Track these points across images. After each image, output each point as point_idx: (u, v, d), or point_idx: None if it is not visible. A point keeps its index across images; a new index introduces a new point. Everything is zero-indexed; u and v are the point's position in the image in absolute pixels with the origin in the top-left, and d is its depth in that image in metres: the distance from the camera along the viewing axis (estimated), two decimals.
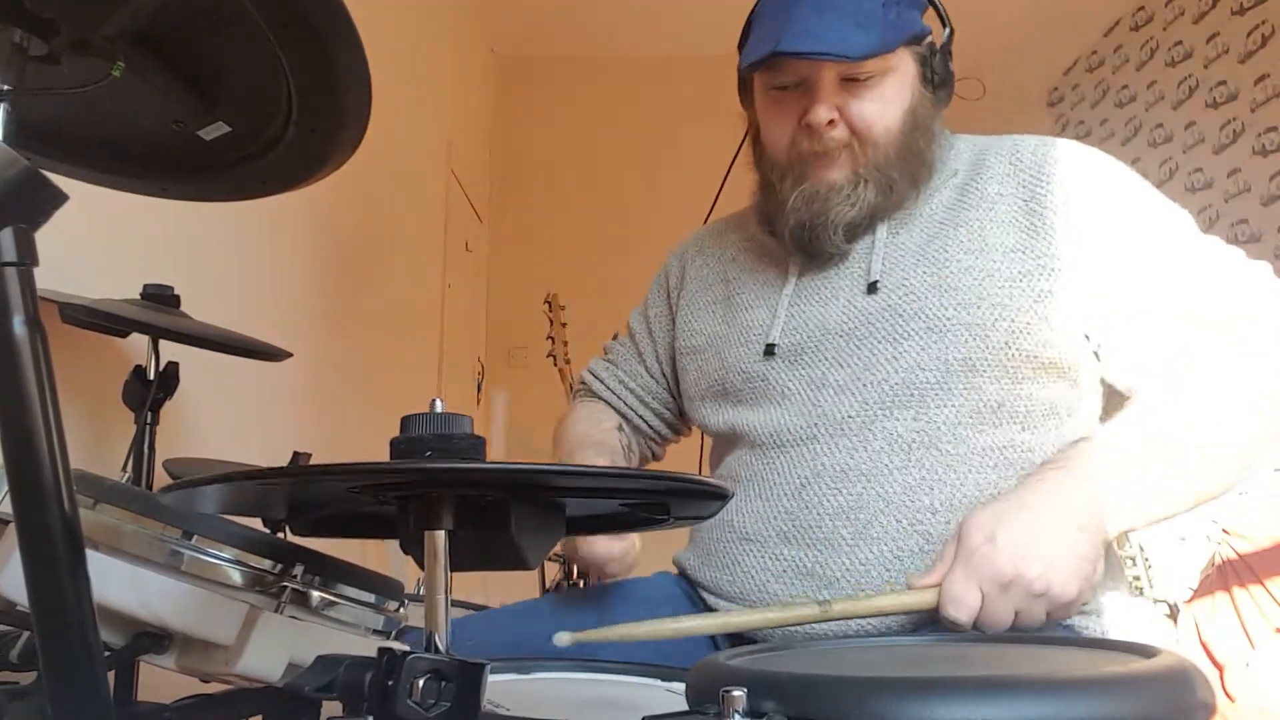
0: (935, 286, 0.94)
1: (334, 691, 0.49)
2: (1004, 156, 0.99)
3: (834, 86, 0.96)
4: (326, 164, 0.72)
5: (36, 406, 0.48)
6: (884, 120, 0.97)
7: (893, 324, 0.94)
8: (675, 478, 0.50)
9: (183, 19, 0.62)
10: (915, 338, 0.93)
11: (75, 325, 1.10)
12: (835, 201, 0.98)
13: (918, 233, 0.99)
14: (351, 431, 2.33)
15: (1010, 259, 0.93)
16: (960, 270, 0.94)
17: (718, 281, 1.14)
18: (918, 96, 0.99)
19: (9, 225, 0.49)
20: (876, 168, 0.97)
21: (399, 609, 0.78)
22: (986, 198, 0.97)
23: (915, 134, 0.98)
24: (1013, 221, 0.95)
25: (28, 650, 0.72)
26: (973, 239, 0.95)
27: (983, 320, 0.91)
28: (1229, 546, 2.59)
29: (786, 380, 0.99)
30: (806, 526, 0.92)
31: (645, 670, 0.81)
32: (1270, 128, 3.15)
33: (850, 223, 0.98)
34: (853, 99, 0.96)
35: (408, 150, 2.85)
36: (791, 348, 1.00)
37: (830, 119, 0.96)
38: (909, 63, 0.99)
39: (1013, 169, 0.98)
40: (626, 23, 3.97)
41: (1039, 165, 0.96)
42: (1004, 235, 0.94)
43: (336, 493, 0.52)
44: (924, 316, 0.93)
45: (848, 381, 0.95)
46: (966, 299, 0.92)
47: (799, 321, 1.01)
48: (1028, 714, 0.44)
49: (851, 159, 0.98)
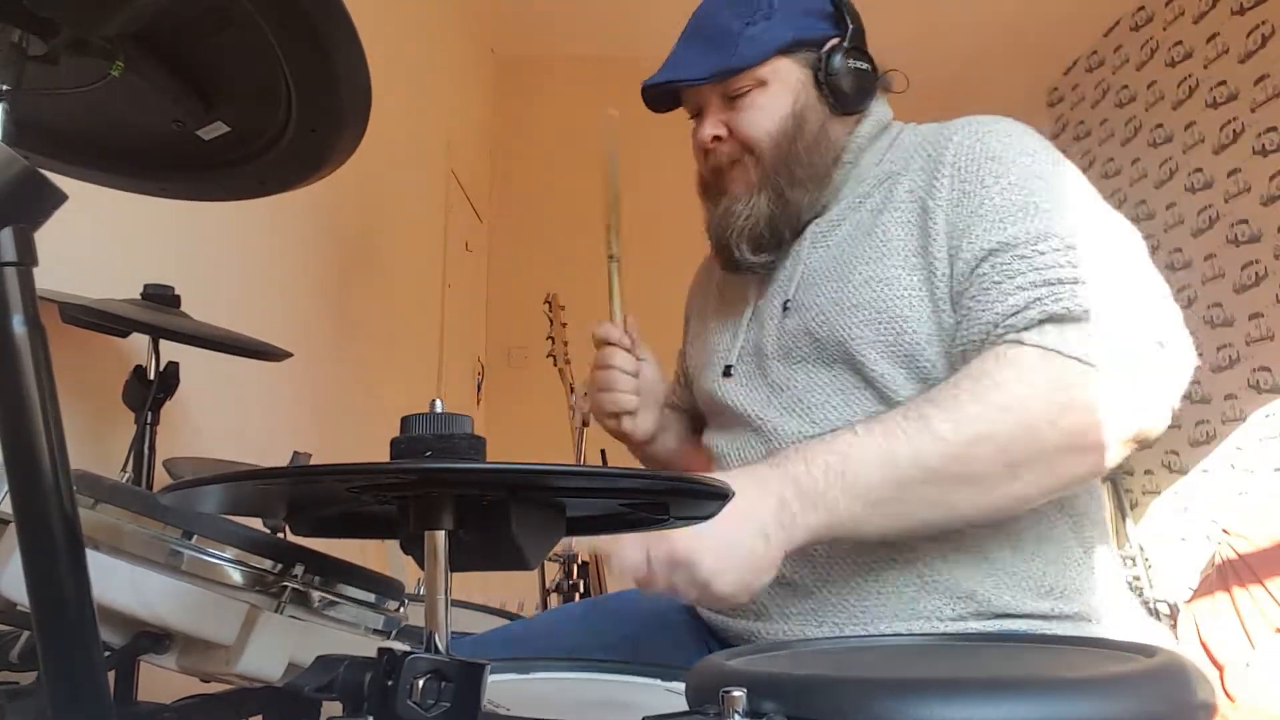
0: (838, 303, 0.92)
1: (334, 691, 0.49)
2: (922, 149, 0.95)
3: (719, 106, 1.01)
4: (326, 164, 0.72)
5: (36, 406, 0.48)
6: (764, 128, 0.98)
7: (812, 346, 0.94)
8: (675, 477, 0.50)
9: (182, 19, 0.62)
10: (838, 360, 0.92)
11: (75, 325, 1.10)
12: (734, 216, 1.01)
13: (837, 246, 0.97)
14: (351, 431, 2.33)
15: (909, 264, 0.89)
16: (861, 283, 0.91)
17: (707, 308, 1.18)
18: (803, 102, 0.99)
19: (8, 225, 0.49)
20: (765, 176, 0.99)
21: (399, 609, 0.78)
22: (896, 199, 0.93)
23: (798, 138, 0.98)
24: (913, 222, 0.90)
25: (28, 650, 0.73)
26: (876, 247, 0.92)
27: (887, 338, 0.88)
28: (1229, 546, 2.59)
29: (741, 402, 1.00)
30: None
31: (645, 670, 0.81)
32: (1270, 128, 3.15)
33: (750, 234, 1.00)
34: (735, 113, 1.00)
35: (408, 150, 2.85)
36: (744, 371, 1.02)
37: (715, 134, 1.01)
38: (791, 71, 0.99)
39: (924, 161, 0.93)
40: (626, 23, 3.97)
41: (937, 153, 0.91)
42: (906, 239, 0.90)
43: (336, 493, 0.52)
44: (836, 338, 0.91)
45: (790, 404, 0.95)
46: (867, 316, 0.89)
47: (749, 345, 1.03)
48: (1028, 714, 0.44)
49: (745, 172, 1.01)
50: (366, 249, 2.57)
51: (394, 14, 2.63)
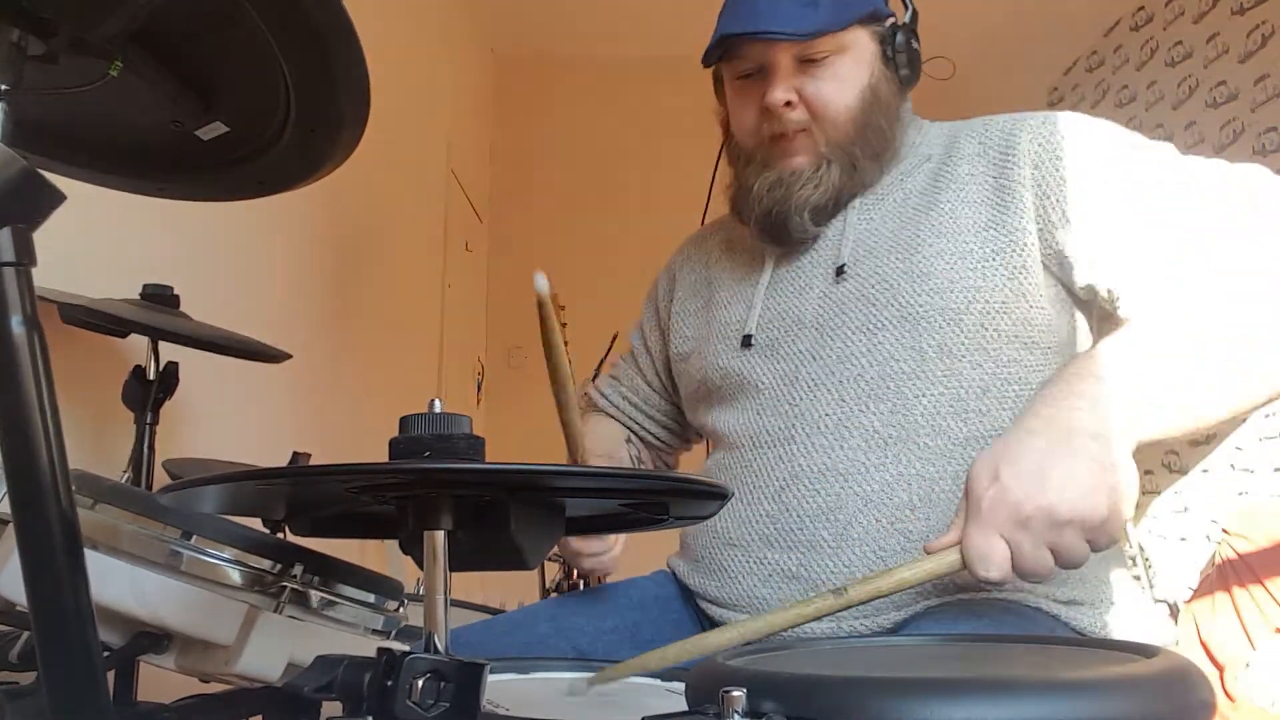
0: (907, 273, 0.93)
1: (334, 691, 0.49)
2: (974, 137, 0.99)
3: (790, 69, 0.97)
4: (325, 164, 0.72)
5: (35, 406, 0.48)
6: (842, 99, 0.97)
7: (866, 314, 0.94)
8: (674, 478, 0.50)
9: (181, 19, 0.62)
10: (889, 327, 0.92)
11: (75, 325, 1.10)
12: (798, 185, 0.98)
13: (890, 219, 0.98)
14: (351, 431, 2.33)
15: (982, 238, 0.92)
16: (932, 255, 0.93)
17: (702, 285, 1.15)
18: (878, 75, 0.99)
19: (7, 225, 0.49)
20: (839, 146, 0.98)
21: (399, 609, 0.78)
22: (958, 179, 0.96)
23: (875, 112, 0.99)
24: (984, 200, 0.94)
25: (28, 650, 0.73)
26: (944, 222, 0.94)
27: (956, 305, 0.90)
28: (1229, 546, 2.59)
29: (761, 375, 0.99)
30: (787, 529, 0.92)
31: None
32: (1270, 128, 3.15)
33: (816, 205, 0.98)
34: (809, 79, 0.97)
35: (408, 150, 2.84)
36: (766, 341, 1.00)
37: (787, 100, 0.97)
38: (867, 41, 0.99)
39: (982, 148, 0.97)
40: (627, 23, 3.97)
41: (1006, 141, 0.96)
42: (975, 215, 0.93)
43: (336, 493, 0.52)
44: (896, 305, 0.92)
45: (822, 376, 0.94)
46: (939, 284, 0.91)
47: (774, 314, 1.01)
48: (1028, 714, 0.44)
49: (812, 142, 0.99)
50: (366, 249, 2.57)
51: (394, 14, 2.63)
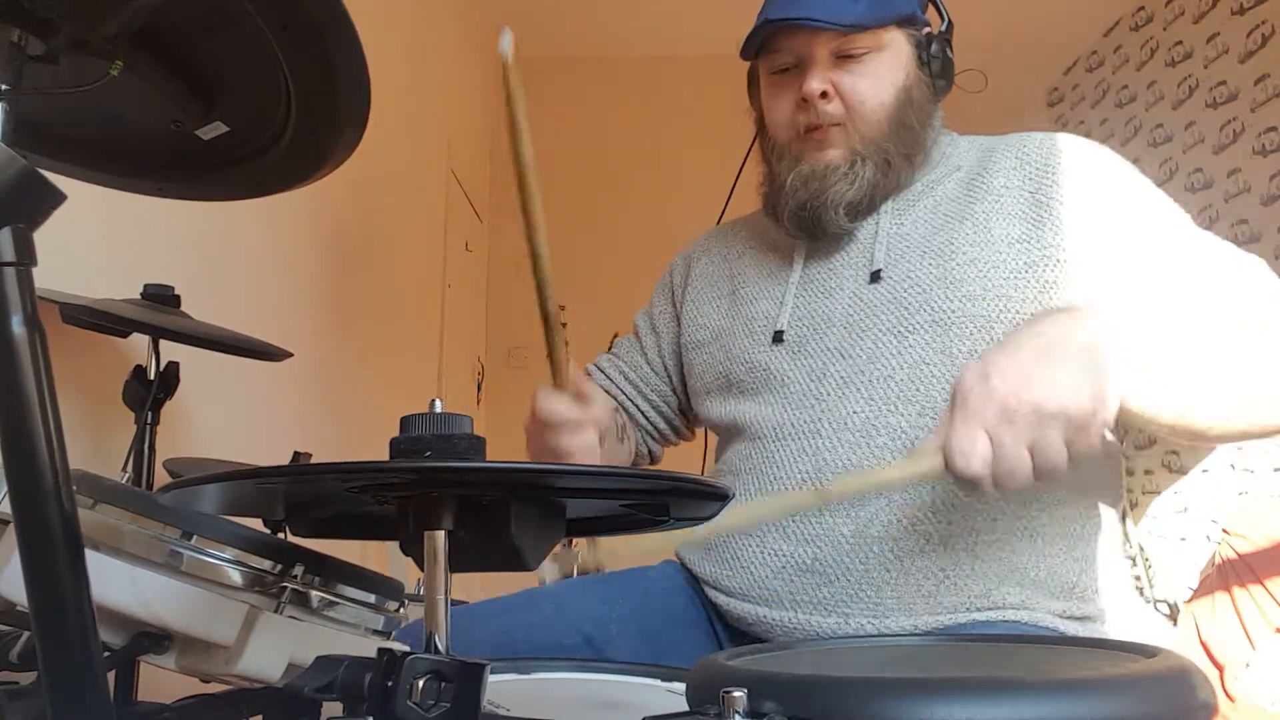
0: (941, 279, 0.94)
1: (334, 692, 0.49)
2: (1010, 151, 1.00)
3: (828, 62, 0.98)
4: (326, 164, 0.72)
5: (36, 406, 0.48)
6: (877, 95, 0.98)
7: (898, 316, 0.95)
8: (676, 478, 0.50)
9: (182, 19, 0.62)
10: (920, 331, 0.93)
11: (75, 325, 1.10)
12: (833, 180, 0.99)
13: (923, 224, 0.99)
14: (351, 431, 2.33)
15: (1016, 250, 0.93)
16: (966, 263, 0.94)
17: (723, 278, 1.15)
18: (913, 78, 1.00)
19: (7, 225, 0.49)
20: (872, 143, 0.99)
21: (399, 609, 0.78)
22: (992, 190, 0.98)
23: (909, 112, 0.99)
24: (1019, 214, 0.95)
25: (28, 650, 0.72)
26: (978, 231, 0.95)
27: (988, 313, 0.91)
28: (1229, 546, 2.59)
29: (788, 370, 0.99)
30: (806, 522, 0.92)
31: (645, 670, 0.81)
32: (1270, 128, 3.15)
33: (851, 201, 0.99)
34: (846, 74, 0.98)
35: (408, 150, 2.84)
36: (796, 338, 1.01)
37: (824, 90, 0.98)
38: (903, 44, 1.00)
39: (1019, 162, 0.98)
40: (628, 23, 3.97)
41: (1045, 158, 0.97)
42: (1009, 227, 0.94)
43: (336, 493, 0.52)
44: (929, 309, 0.93)
45: (851, 375, 0.95)
46: (972, 291, 0.92)
47: (804, 311, 1.02)
48: (1028, 714, 0.44)
49: (846, 138, 0.99)
50: (367, 249, 2.57)
51: (394, 14, 2.63)
